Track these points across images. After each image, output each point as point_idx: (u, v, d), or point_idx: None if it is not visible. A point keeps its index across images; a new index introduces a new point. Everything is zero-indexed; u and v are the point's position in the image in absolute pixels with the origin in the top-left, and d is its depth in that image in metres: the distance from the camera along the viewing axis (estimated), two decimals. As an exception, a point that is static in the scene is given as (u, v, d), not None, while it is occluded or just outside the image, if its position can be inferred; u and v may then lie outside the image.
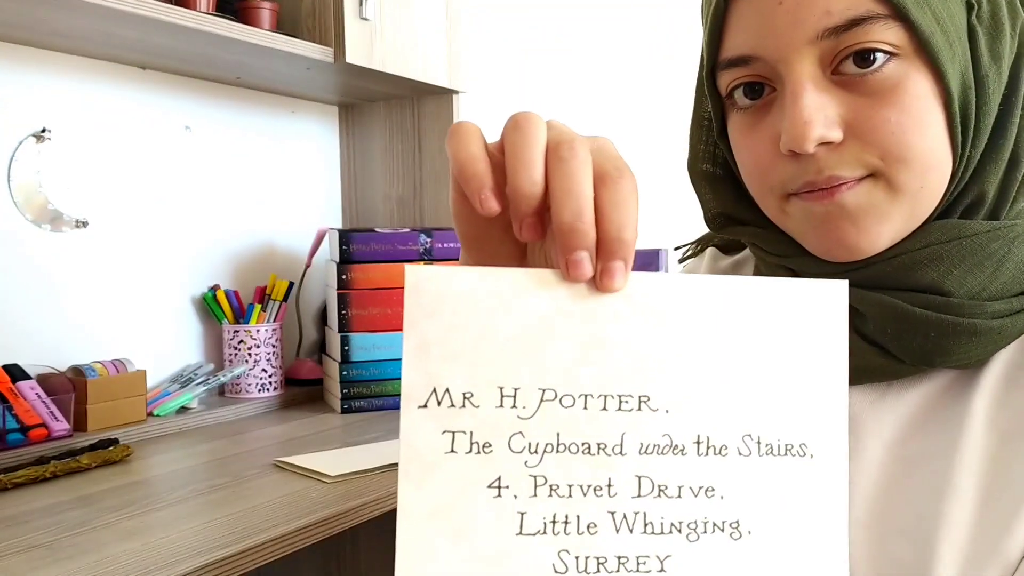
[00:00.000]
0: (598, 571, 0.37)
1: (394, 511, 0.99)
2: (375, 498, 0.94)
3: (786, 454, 0.39)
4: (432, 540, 0.36)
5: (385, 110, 1.71)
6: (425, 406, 0.37)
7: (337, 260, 1.46)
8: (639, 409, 0.38)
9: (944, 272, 0.51)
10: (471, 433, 0.37)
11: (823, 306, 0.40)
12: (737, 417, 0.38)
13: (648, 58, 2.36)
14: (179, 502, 0.93)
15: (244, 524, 0.84)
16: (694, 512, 0.38)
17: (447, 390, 0.37)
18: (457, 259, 0.47)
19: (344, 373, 1.43)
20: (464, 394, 0.37)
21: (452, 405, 0.37)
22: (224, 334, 1.47)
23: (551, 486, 0.37)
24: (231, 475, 1.03)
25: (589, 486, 0.37)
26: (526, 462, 0.37)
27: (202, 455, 1.15)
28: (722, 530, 0.38)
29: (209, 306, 1.47)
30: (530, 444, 0.37)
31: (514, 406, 0.37)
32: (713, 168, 0.61)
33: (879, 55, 0.48)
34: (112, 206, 1.35)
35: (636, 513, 0.37)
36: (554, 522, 0.37)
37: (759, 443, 0.39)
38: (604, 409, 0.38)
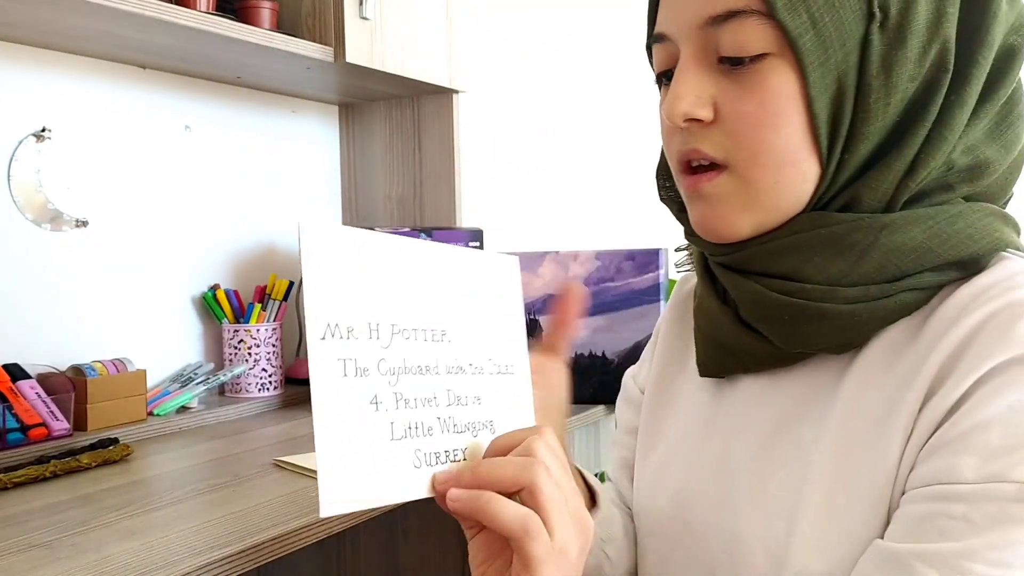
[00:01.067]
0: (436, 464, 0.50)
1: (394, 512, 0.98)
2: (375, 498, 0.94)
3: (505, 373, 0.56)
4: (339, 446, 0.46)
5: (385, 110, 1.71)
6: (323, 338, 0.47)
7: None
8: (441, 340, 0.53)
9: (804, 259, 0.54)
10: (355, 360, 0.48)
11: (507, 273, 0.59)
12: (484, 348, 0.56)
13: (647, 59, 2.36)
14: (179, 501, 0.93)
15: (244, 523, 0.84)
16: (474, 415, 0.53)
17: (337, 325, 0.47)
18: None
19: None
20: (348, 328, 0.48)
21: (341, 337, 0.47)
22: (224, 333, 1.47)
23: (405, 400, 0.50)
24: (231, 474, 1.03)
25: (425, 399, 0.51)
26: (389, 382, 0.49)
27: (202, 454, 1.15)
28: (486, 428, 0.54)
29: (209, 305, 1.47)
30: (390, 368, 0.49)
31: (378, 338, 0.49)
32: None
33: (746, 58, 0.52)
34: (112, 206, 1.35)
35: (449, 418, 0.52)
36: (409, 428, 0.50)
37: (496, 365, 0.56)
38: (426, 340, 0.52)
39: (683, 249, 0.75)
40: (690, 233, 0.62)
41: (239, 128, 1.55)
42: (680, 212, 0.64)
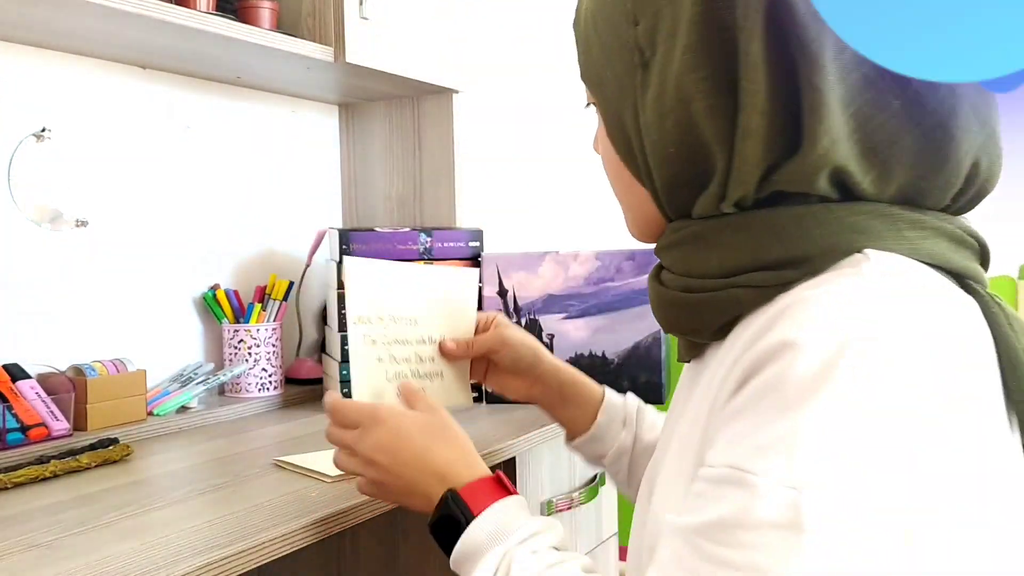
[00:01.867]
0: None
1: (394, 511, 0.99)
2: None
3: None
4: (362, 380, 0.89)
5: (385, 109, 1.71)
6: (355, 323, 0.89)
7: (337, 259, 1.46)
8: (416, 325, 0.94)
9: (673, 256, 0.62)
10: (371, 335, 0.90)
11: (467, 282, 0.99)
12: (443, 328, 0.96)
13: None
14: (179, 501, 0.93)
15: (244, 523, 0.84)
16: (430, 368, 0.95)
17: (361, 316, 0.90)
18: (456, 258, 0.67)
19: (344, 372, 1.43)
20: (367, 318, 0.90)
21: (366, 323, 0.90)
22: (224, 333, 1.47)
23: (395, 358, 0.92)
24: (231, 474, 1.03)
25: (406, 358, 0.93)
26: (388, 348, 0.91)
27: (202, 454, 1.15)
28: (438, 375, 0.96)
29: (209, 305, 1.47)
30: (387, 340, 0.91)
31: (382, 323, 0.91)
32: None
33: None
34: (112, 205, 1.35)
35: (416, 370, 0.93)
36: (396, 376, 0.91)
37: (449, 339, 0.96)
38: (409, 324, 0.93)
39: None
40: None
41: (239, 128, 1.55)
42: None
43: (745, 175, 0.55)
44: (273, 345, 1.48)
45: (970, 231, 0.57)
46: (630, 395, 0.97)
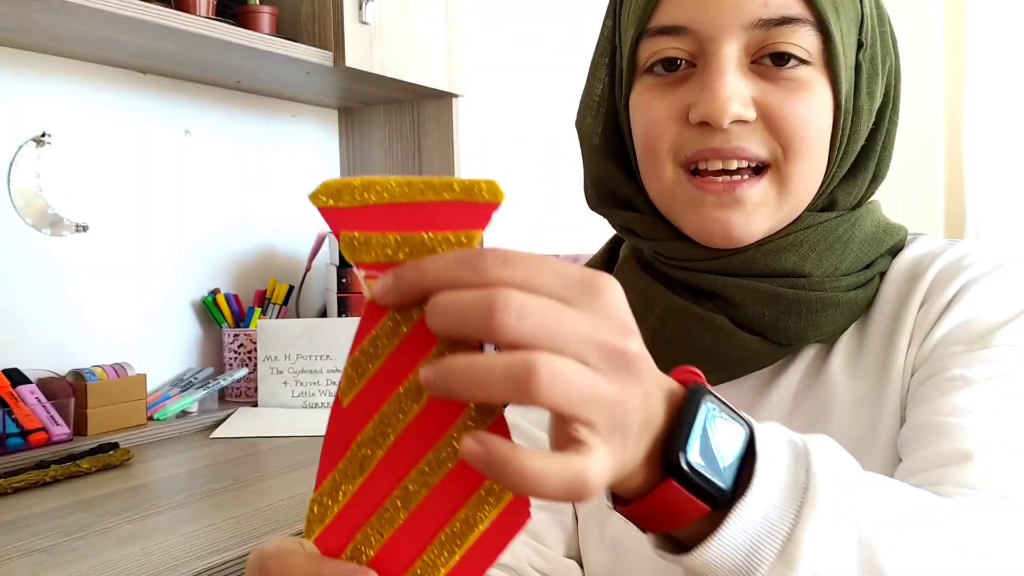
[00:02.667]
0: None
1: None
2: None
3: None
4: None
5: (384, 114, 1.71)
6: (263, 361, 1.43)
7: (337, 264, 1.46)
8: (329, 358, 1.42)
9: (803, 256, 0.58)
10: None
11: None
12: None
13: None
14: (179, 506, 0.93)
15: (244, 528, 0.84)
16: None
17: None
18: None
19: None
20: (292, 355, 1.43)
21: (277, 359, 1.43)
22: (224, 338, 1.47)
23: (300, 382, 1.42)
24: (231, 479, 1.03)
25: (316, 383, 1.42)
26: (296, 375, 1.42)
27: (202, 459, 1.15)
28: None
29: (209, 310, 1.47)
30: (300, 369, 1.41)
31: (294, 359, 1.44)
32: (601, 143, 0.64)
33: (793, 59, 0.54)
34: (112, 210, 1.35)
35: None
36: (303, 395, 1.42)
37: None
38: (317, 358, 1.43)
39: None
40: (649, 239, 0.61)
41: (239, 132, 1.55)
42: (629, 212, 0.63)
43: (885, 172, 0.62)
44: (273, 349, 1.48)
45: None
46: None
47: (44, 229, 1.26)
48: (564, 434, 0.31)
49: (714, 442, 0.35)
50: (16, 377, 1.17)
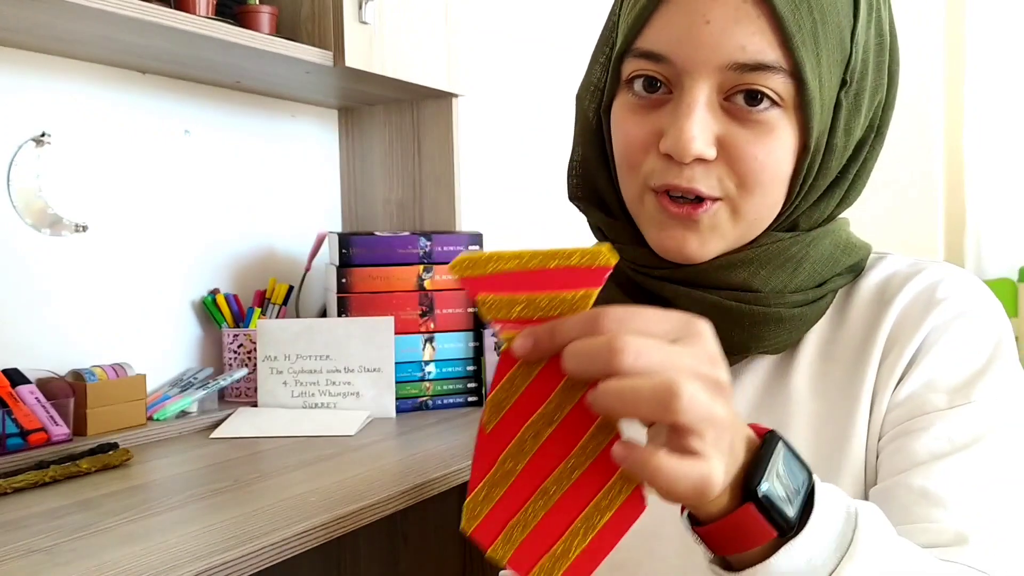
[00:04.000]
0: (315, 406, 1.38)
1: (394, 516, 0.98)
2: (375, 502, 0.94)
3: (371, 371, 1.43)
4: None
5: (384, 114, 1.71)
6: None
7: (337, 263, 1.46)
8: (328, 358, 1.40)
9: (753, 272, 0.61)
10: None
11: (384, 327, 1.16)
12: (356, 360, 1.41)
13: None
14: (179, 506, 0.93)
15: (244, 528, 0.84)
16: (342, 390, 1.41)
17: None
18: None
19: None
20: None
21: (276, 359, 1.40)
22: (224, 338, 1.47)
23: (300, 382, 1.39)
24: (231, 479, 1.03)
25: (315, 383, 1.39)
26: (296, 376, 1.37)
27: (202, 459, 1.15)
28: (352, 395, 1.40)
29: (209, 310, 1.47)
30: (299, 370, 1.38)
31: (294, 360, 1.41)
32: (595, 125, 0.67)
33: (766, 100, 0.56)
34: (112, 210, 1.35)
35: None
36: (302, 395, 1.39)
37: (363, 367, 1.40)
38: (317, 358, 1.40)
39: None
40: (614, 241, 0.65)
41: (239, 132, 1.55)
42: (599, 212, 0.68)
43: (855, 199, 0.64)
44: (273, 349, 1.48)
45: None
46: None
47: (44, 229, 1.26)
48: (684, 446, 0.39)
49: (785, 480, 0.43)
50: (15, 377, 1.17)
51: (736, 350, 0.62)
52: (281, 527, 0.84)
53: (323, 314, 1.63)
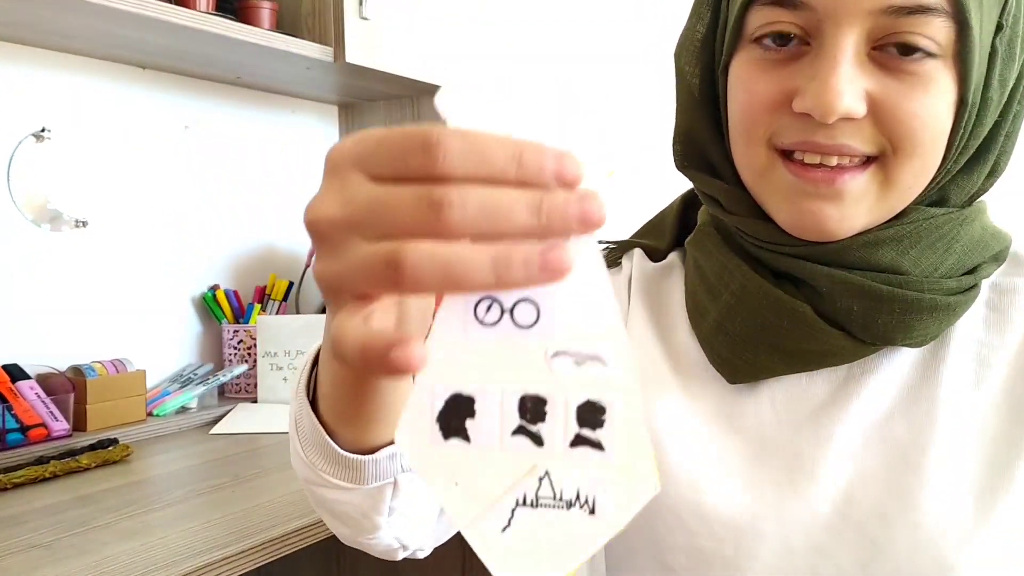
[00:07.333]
0: None
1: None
2: (375, 498, 0.94)
3: None
4: None
5: (385, 109, 1.71)
6: None
7: (337, 260, 1.46)
8: None
9: (902, 252, 0.53)
10: None
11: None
12: None
13: (645, 62, 2.36)
14: (179, 502, 0.93)
15: (244, 524, 0.84)
16: None
17: None
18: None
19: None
20: None
21: None
22: (224, 334, 1.47)
23: None
24: (231, 475, 1.03)
25: None
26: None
27: (202, 455, 1.15)
28: None
29: (209, 306, 1.47)
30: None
31: None
32: (700, 91, 0.58)
33: (920, 52, 0.48)
34: (112, 206, 1.35)
35: None
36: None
37: None
38: None
39: (607, 242, 0.71)
40: (732, 212, 0.57)
41: (239, 128, 1.55)
42: (715, 180, 0.58)
43: (1005, 166, 0.55)
44: (273, 345, 1.48)
45: None
46: None
47: (44, 224, 1.26)
48: None
49: None
50: (15, 373, 1.17)
51: (877, 339, 0.53)
52: (281, 523, 0.84)
53: (323, 310, 1.63)
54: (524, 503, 0.31)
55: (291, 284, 1.54)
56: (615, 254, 0.70)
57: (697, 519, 0.56)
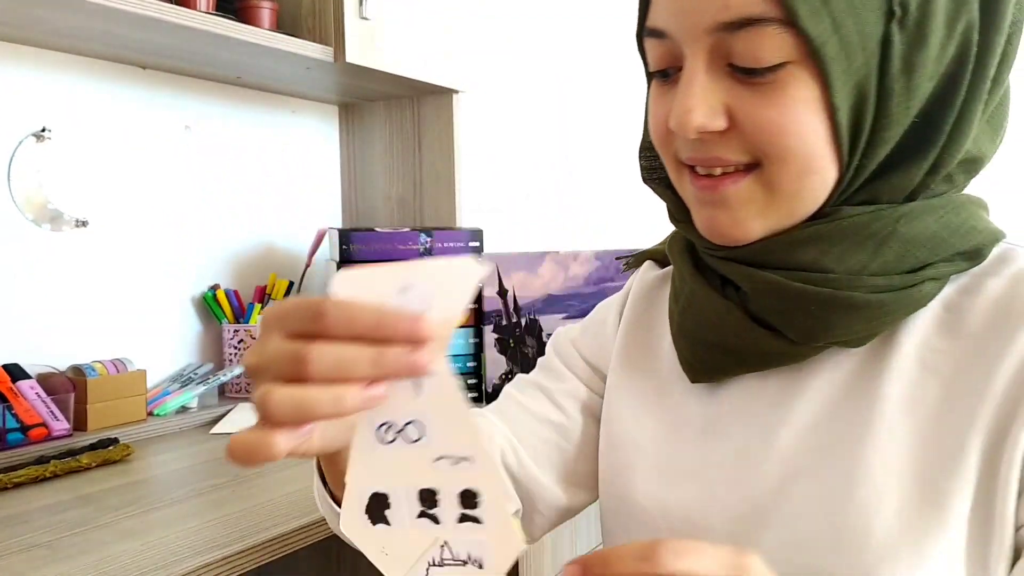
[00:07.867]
0: None
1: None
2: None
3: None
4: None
5: (385, 110, 1.71)
6: None
7: (337, 259, 1.46)
8: None
9: (823, 250, 0.53)
10: None
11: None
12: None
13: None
14: (179, 501, 0.93)
15: (244, 523, 0.84)
16: None
17: None
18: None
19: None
20: None
21: None
22: (224, 334, 1.47)
23: None
24: (231, 474, 1.03)
25: None
26: None
27: (202, 454, 1.15)
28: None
29: (209, 306, 1.47)
30: None
31: None
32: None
33: (766, 59, 0.49)
34: (112, 206, 1.35)
35: None
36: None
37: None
38: None
39: (624, 257, 0.76)
40: (679, 220, 0.61)
41: (239, 128, 1.55)
42: (668, 192, 0.62)
43: (953, 160, 0.52)
44: (273, 345, 1.48)
45: None
46: None
47: (44, 224, 1.26)
48: None
49: None
50: (16, 372, 1.17)
51: (802, 338, 0.54)
52: (281, 523, 0.84)
53: (323, 310, 1.64)
54: (434, 564, 0.42)
55: (291, 284, 1.54)
56: (630, 267, 0.75)
57: (660, 515, 0.61)
